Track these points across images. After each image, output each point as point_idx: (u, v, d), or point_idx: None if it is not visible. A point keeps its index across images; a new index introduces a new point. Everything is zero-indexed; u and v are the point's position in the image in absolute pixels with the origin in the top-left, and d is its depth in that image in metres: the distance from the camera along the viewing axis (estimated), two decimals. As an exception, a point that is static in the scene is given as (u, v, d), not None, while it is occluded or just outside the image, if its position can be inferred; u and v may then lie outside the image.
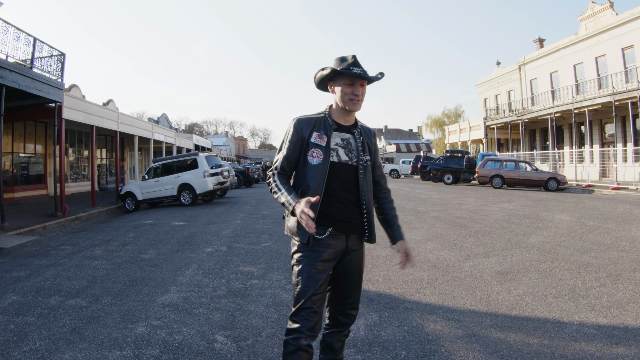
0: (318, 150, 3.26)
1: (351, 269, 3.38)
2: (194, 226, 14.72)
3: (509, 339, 4.93)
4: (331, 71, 3.26)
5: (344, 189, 3.31)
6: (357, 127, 3.45)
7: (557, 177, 28.81)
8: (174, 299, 6.68)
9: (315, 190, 3.19)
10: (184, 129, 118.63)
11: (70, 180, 30.62)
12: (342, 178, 3.30)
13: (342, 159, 3.32)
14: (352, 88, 3.24)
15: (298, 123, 3.34)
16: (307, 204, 2.96)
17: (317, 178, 3.21)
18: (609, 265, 8.09)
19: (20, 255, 10.75)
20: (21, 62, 17.03)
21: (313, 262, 3.17)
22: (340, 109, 3.37)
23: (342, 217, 3.29)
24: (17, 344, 5.07)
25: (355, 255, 3.40)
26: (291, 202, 3.09)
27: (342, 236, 3.29)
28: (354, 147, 3.37)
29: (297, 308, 3.14)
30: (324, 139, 3.29)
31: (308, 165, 3.26)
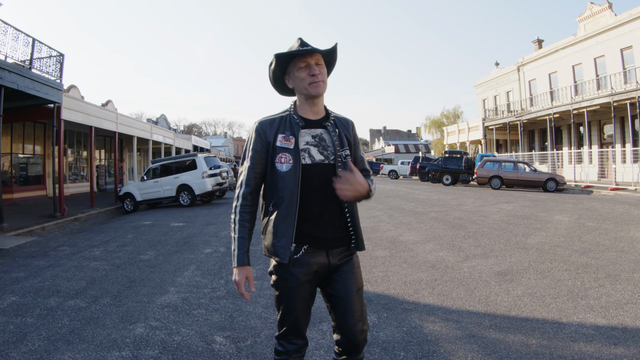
0: (286, 154, 2.85)
1: (343, 284, 2.95)
2: (192, 227, 14.73)
3: (508, 339, 4.93)
4: (276, 60, 2.92)
5: (323, 193, 2.86)
6: (330, 119, 3.01)
7: (555, 178, 28.82)
8: (173, 300, 6.68)
9: (290, 201, 2.80)
10: (182, 129, 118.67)
11: (69, 181, 30.61)
12: (318, 181, 2.87)
13: (317, 159, 2.88)
14: (307, 69, 2.85)
15: (260, 126, 2.96)
16: (243, 277, 2.81)
17: (290, 186, 2.81)
18: (608, 265, 8.09)
19: (19, 256, 10.75)
20: (20, 62, 17.03)
21: (291, 284, 2.85)
22: (305, 101, 2.96)
23: (320, 233, 2.87)
24: (16, 345, 5.07)
25: (346, 269, 2.98)
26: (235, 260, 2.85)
27: (322, 252, 2.89)
28: (328, 142, 2.93)
29: (282, 332, 2.93)
30: (291, 140, 2.87)
31: (277, 173, 2.85)
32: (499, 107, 52.18)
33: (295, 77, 2.91)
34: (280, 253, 2.80)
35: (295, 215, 2.80)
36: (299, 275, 2.83)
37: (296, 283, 2.84)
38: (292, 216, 2.80)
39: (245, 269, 2.84)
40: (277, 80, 3.05)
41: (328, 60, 3.02)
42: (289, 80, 2.99)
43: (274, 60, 2.93)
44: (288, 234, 2.80)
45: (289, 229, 2.80)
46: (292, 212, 2.80)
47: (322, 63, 2.92)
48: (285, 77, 3.02)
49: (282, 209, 2.82)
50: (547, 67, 43.44)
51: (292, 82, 2.96)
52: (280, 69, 2.98)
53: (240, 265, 2.83)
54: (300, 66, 2.86)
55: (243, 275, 2.83)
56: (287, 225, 2.80)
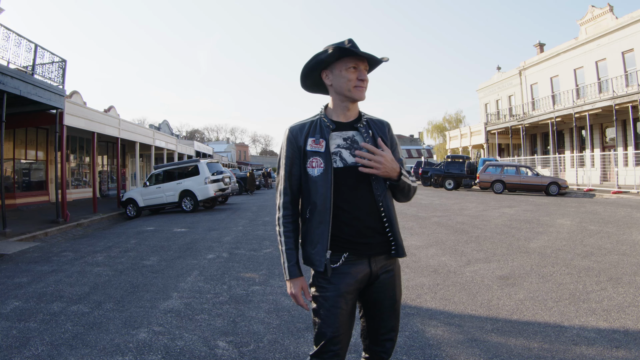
0: (317, 158, 2.74)
1: (381, 295, 2.81)
2: (195, 232, 14.74)
3: (510, 343, 4.94)
4: (335, 50, 2.73)
5: (356, 198, 2.73)
6: (362, 121, 2.87)
7: (558, 182, 28.81)
8: (176, 305, 6.70)
9: (323, 207, 2.69)
10: (185, 135, 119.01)
11: (71, 187, 30.67)
12: (352, 185, 2.74)
13: (349, 161, 2.74)
14: (357, 72, 2.76)
15: (290, 133, 2.84)
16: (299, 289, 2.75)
17: (322, 192, 2.69)
18: (610, 269, 8.09)
19: (22, 261, 10.77)
20: (22, 68, 17.10)
21: (330, 297, 2.69)
22: (340, 103, 2.84)
23: (359, 238, 2.72)
24: (19, 350, 5.09)
25: (386, 279, 2.82)
26: (287, 273, 2.78)
27: (364, 260, 2.74)
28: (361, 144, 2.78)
29: (318, 350, 2.71)
30: (322, 143, 2.75)
31: (310, 178, 2.74)
32: (501, 112, 52.18)
33: (340, 76, 2.79)
34: (315, 261, 2.70)
35: (329, 221, 2.69)
36: (339, 285, 2.70)
37: (336, 293, 2.69)
38: (327, 222, 2.69)
39: (300, 280, 2.78)
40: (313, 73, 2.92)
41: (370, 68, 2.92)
42: (329, 76, 2.85)
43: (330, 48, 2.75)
44: (323, 240, 2.69)
45: (324, 235, 2.69)
46: (326, 218, 2.69)
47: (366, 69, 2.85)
48: (325, 72, 2.87)
49: (315, 215, 2.72)
50: (549, 71, 43.45)
51: (333, 80, 2.83)
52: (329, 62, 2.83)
53: (294, 277, 2.77)
54: (349, 66, 2.76)
55: (299, 287, 2.77)
56: (321, 232, 2.70)
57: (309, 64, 2.87)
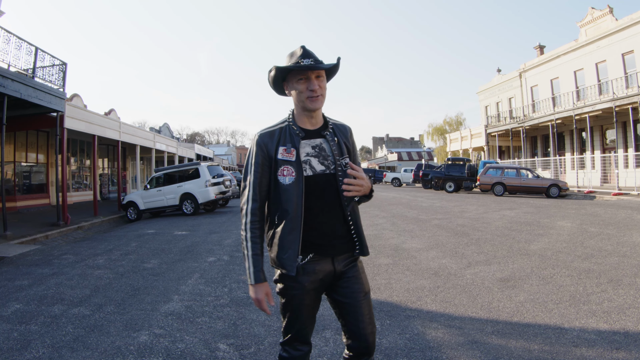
0: (288, 167, 2.82)
1: (351, 294, 2.95)
2: (196, 235, 14.75)
3: (510, 345, 4.94)
4: (276, 70, 2.88)
5: (324, 204, 2.87)
6: (329, 128, 2.99)
7: (558, 184, 28.82)
8: (177, 308, 6.70)
9: (295, 215, 2.79)
10: (185, 138, 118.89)
11: (72, 190, 30.68)
12: (320, 192, 2.86)
13: (317, 169, 2.88)
14: (307, 83, 2.82)
15: (260, 139, 2.90)
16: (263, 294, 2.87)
17: (294, 200, 2.79)
18: (610, 271, 8.09)
19: (23, 264, 10.78)
20: (23, 71, 17.11)
21: (296, 292, 2.87)
22: (302, 112, 2.94)
23: (324, 241, 2.87)
24: (20, 352, 5.10)
25: (352, 273, 2.98)
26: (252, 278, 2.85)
27: (327, 259, 2.89)
28: (328, 152, 2.92)
29: (287, 339, 2.94)
30: (293, 152, 2.84)
31: (280, 186, 2.83)
32: (502, 114, 52.18)
33: (293, 88, 2.89)
34: (287, 265, 2.79)
35: (300, 228, 2.80)
36: (305, 284, 2.85)
37: (302, 291, 2.85)
38: (298, 229, 2.79)
39: (263, 286, 2.87)
40: (277, 86, 3.02)
41: (328, 71, 2.97)
42: (287, 88, 2.97)
43: (273, 69, 2.89)
44: (294, 246, 2.79)
45: (295, 241, 2.79)
46: (297, 225, 2.79)
47: (323, 76, 2.89)
48: (285, 84, 2.98)
49: (287, 222, 2.80)
50: (549, 73, 43.47)
51: (291, 92, 2.93)
52: (281, 77, 2.94)
53: (258, 282, 2.85)
54: (299, 78, 2.83)
55: (263, 292, 2.87)
56: (293, 238, 2.79)
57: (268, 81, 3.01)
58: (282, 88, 3.03)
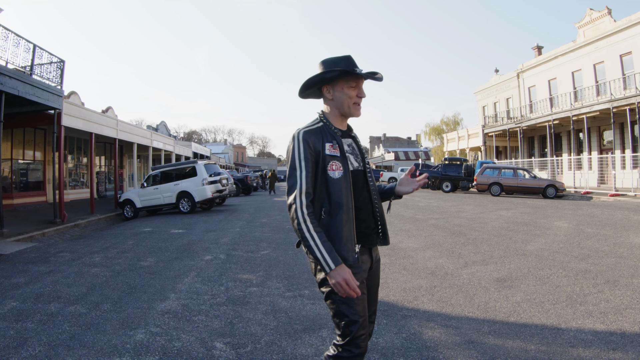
0: (336, 162, 2.94)
1: (373, 281, 3.17)
2: (192, 234, 14.74)
3: (507, 345, 4.95)
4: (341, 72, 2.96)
5: (362, 197, 3.06)
6: (353, 131, 3.24)
7: (555, 184, 28.83)
8: (173, 306, 6.70)
9: (347, 207, 2.89)
10: (182, 136, 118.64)
11: (69, 187, 30.60)
12: (359, 187, 3.06)
13: (354, 166, 3.07)
14: (357, 90, 3.03)
15: (305, 136, 2.95)
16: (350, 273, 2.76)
17: (345, 192, 2.91)
18: (607, 271, 8.11)
19: (19, 261, 10.76)
20: (21, 68, 17.09)
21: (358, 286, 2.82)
22: (338, 116, 3.07)
23: (366, 230, 3.06)
24: (16, 350, 5.09)
25: (376, 268, 3.21)
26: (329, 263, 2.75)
27: (367, 250, 3.08)
28: (357, 151, 3.15)
29: (352, 337, 2.84)
30: (337, 148, 2.98)
31: (329, 180, 2.90)
32: (499, 114, 52.20)
33: (341, 92, 3.03)
34: (348, 256, 2.86)
35: (353, 219, 2.94)
36: (358, 274, 2.93)
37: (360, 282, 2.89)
38: (352, 220, 2.93)
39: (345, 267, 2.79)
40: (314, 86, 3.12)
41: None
42: (331, 91, 3.07)
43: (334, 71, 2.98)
44: (351, 237, 2.90)
45: (351, 232, 2.91)
46: (351, 217, 2.92)
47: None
48: (327, 87, 3.08)
49: (342, 214, 2.89)
50: (547, 74, 43.49)
51: (334, 95, 3.06)
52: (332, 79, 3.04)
53: (338, 264, 2.77)
54: (352, 85, 3.02)
55: (348, 272, 2.77)
56: (349, 229, 2.90)
57: (312, 79, 3.08)
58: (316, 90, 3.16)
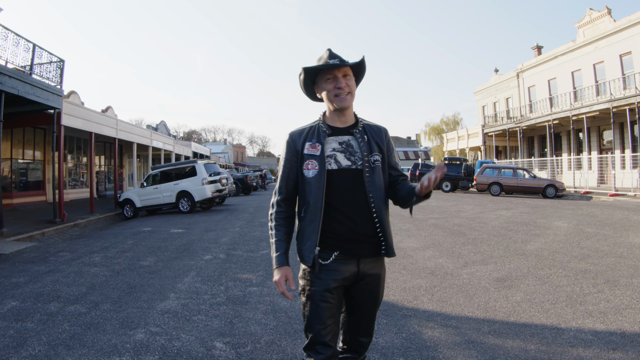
0: (312, 161, 2.91)
1: (365, 295, 2.99)
2: (192, 233, 14.74)
3: (507, 345, 4.94)
4: (303, 71, 2.99)
5: (351, 198, 2.89)
6: (359, 126, 3.04)
7: (555, 184, 28.83)
8: (173, 306, 6.69)
9: (315, 205, 2.85)
10: (182, 136, 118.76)
11: (68, 187, 30.61)
12: (346, 187, 2.89)
13: (343, 164, 2.91)
14: (334, 82, 2.92)
15: (290, 138, 3.03)
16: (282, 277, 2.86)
17: (315, 192, 2.86)
18: (607, 271, 8.11)
19: (19, 261, 10.76)
20: (20, 68, 17.10)
21: (317, 289, 2.84)
22: (333, 111, 3.02)
23: (351, 236, 2.87)
24: (16, 350, 5.08)
25: (372, 280, 2.99)
26: (274, 262, 2.92)
27: (352, 261, 2.90)
28: (356, 148, 2.96)
29: (309, 342, 2.87)
30: (317, 147, 2.93)
31: (305, 179, 2.91)
32: (499, 114, 52.21)
33: (322, 89, 2.99)
34: (305, 256, 2.86)
35: (319, 219, 2.85)
36: (328, 281, 2.85)
37: (323, 287, 2.84)
38: (317, 221, 2.85)
39: (284, 269, 2.88)
40: (308, 89, 3.12)
41: (357, 72, 3.07)
42: (318, 91, 3.06)
43: (302, 73, 3.00)
44: (313, 237, 2.84)
45: (314, 232, 2.84)
46: (316, 217, 2.85)
47: (350, 74, 2.98)
48: (315, 87, 3.08)
49: (308, 214, 2.88)
50: (547, 74, 43.50)
51: (321, 92, 3.03)
52: (310, 80, 3.05)
53: (279, 266, 2.89)
54: (327, 78, 2.94)
55: (282, 275, 2.86)
56: (312, 230, 2.85)
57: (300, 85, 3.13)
58: (314, 92, 3.13)
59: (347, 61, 2.95)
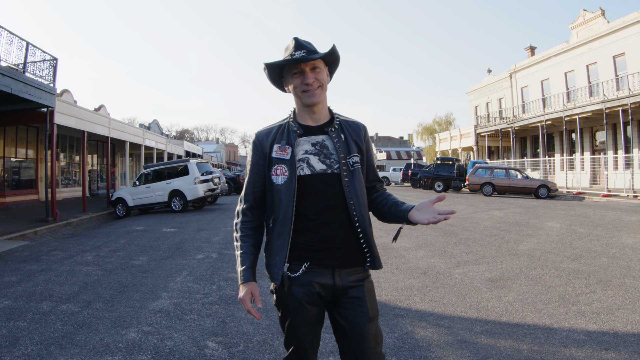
0: (282, 165, 2.59)
1: (354, 317, 2.57)
2: (184, 233, 14.72)
3: (499, 345, 4.95)
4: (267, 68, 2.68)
5: (327, 206, 2.57)
6: (334, 124, 2.69)
7: (547, 185, 28.92)
8: (165, 305, 6.68)
9: (284, 216, 2.55)
10: (175, 135, 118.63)
11: (61, 186, 30.52)
12: (321, 193, 2.57)
13: (317, 169, 2.59)
14: (301, 77, 2.58)
15: (257, 138, 2.70)
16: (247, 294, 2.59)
17: (285, 201, 2.54)
18: (599, 271, 8.13)
19: (11, 260, 10.72)
20: (14, 66, 17.04)
21: (291, 305, 2.58)
22: (302, 108, 2.67)
23: (325, 245, 2.56)
24: (9, 349, 5.06)
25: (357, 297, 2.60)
26: (239, 277, 2.64)
27: (327, 272, 2.58)
28: (331, 149, 2.63)
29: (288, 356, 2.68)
30: (287, 150, 2.60)
31: (274, 186, 2.60)
32: (491, 114, 52.31)
33: (289, 84, 2.65)
34: (273, 272, 2.59)
35: (289, 232, 2.55)
36: (299, 296, 2.55)
37: (297, 304, 2.56)
38: (287, 233, 2.55)
39: (249, 285, 2.62)
40: (277, 84, 2.78)
41: (329, 61, 2.72)
42: (286, 84, 2.71)
43: (265, 69, 2.69)
44: (282, 252, 2.56)
45: (283, 247, 2.56)
46: (286, 229, 2.56)
47: (320, 67, 2.62)
48: (283, 81, 2.73)
49: (277, 225, 2.59)
50: (540, 74, 43.61)
51: (290, 89, 2.68)
52: (277, 74, 2.72)
53: (244, 281, 2.62)
54: (293, 72, 2.61)
55: (247, 292, 2.60)
56: (281, 243, 2.57)
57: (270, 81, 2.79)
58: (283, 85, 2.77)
59: (316, 52, 2.60)
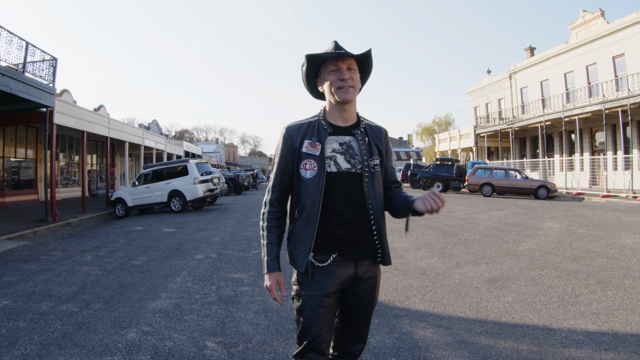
0: (311, 161, 2.73)
1: (360, 300, 2.85)
2: (184, 233, 14.71)
3: (498, 345, 4.95)
4: (307, 61, 2.82)
5: (349, 203, 2.74)
6: (361, 127, 2.87)
7: (547, 185, 28.94)
8: (165, 305, 6.68)
9: (311, 209, 2.68)
10: (174, 135, 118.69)
11: (60, 186, 30.50)
12: (345, 190, 2.74)
13: (343, 167, 2.75)
14: (337, 73, 2.74)
15: (287, 132, 2.82)
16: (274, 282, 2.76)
17: (312, 194, 2.68)
18: (599, 272, 8.13)
19: (10, 260, 10.72)
20: (13, 66, 17.04)
21: (315, 296, 2.69)
22: (335, 107, 2.82)
23: (351, 239, 2.74)
24: (8, 349, 5.06)
25: (368, 284, 2.84)
26: (265, 267, 2.80)
27: (350, 263, 2.75)
28: (356, 150, 2.79)
29: (301, 349, 2.72)
30: (317, 146, 2.74)
31: (302, 180, 2.73)
32: (491, 115, 52.32)
33: (325, 81, 2.81)
34: (297, 261, 2.72)
35: (315, 224, 2.70)
36: (325, 284, 2.70)
37: (320, 292, 2.69)
38: (313, 225, 2.70)
39: (276, 275, 2.78)
40: (310, 81, 2.94)
41: (363, 66, 2.91)
42: (320, 84, 2.89)
43: (305, 62, 2.83)
44: (307, 242, 2.70)
45: (309, 237, 2.70)
46: (312, 221, 2.70)
47: (355, 68, 2.81)
48: (317, 80, 2.91)
49: (303, 217, 2.72)
50: (539, 75, 43.62)
51: (323, 87, 2.85)
52: (313, 71, 2.88)
53: (271, 271, 2.78)
54: (331, 69, 2.77)
55: (274, 281, 2.77)
56: (307, 234, 2.71)
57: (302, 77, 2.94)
58: (315, 86, 2.95)
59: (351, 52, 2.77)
